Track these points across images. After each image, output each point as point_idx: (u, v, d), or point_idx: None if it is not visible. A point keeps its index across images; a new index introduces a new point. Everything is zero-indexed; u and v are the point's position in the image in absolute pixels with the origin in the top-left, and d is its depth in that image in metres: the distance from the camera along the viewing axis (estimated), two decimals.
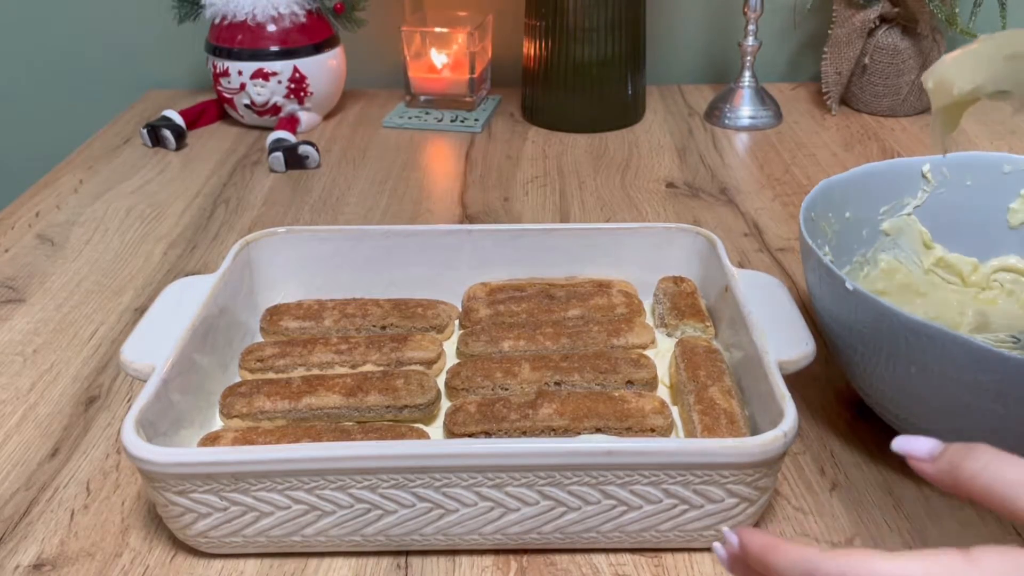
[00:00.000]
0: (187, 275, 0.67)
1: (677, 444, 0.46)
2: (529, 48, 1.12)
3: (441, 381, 0.60)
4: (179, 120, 1.10)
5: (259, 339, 0.65)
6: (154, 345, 0.55)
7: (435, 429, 0.57)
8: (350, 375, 0.58)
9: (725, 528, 0.39)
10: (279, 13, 1.06)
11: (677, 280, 0.67)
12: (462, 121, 1.14)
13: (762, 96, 1.13)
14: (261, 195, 0.96)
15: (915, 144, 1.04)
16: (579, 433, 0.53)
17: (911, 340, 0.49)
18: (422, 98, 1.18)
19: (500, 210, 0.92)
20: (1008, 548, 0.31)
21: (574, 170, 1.01)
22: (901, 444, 0.39)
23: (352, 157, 1.05)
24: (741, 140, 1.09)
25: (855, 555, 0.33)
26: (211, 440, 0.53)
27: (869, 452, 0.58)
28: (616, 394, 0.56)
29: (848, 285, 0.51)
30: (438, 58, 1.16)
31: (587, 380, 0.58)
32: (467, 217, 0.90)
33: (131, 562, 0.50)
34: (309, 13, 1.09)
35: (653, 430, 0.54)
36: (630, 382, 0.58)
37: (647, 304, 0.68)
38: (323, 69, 1.10)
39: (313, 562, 0.50)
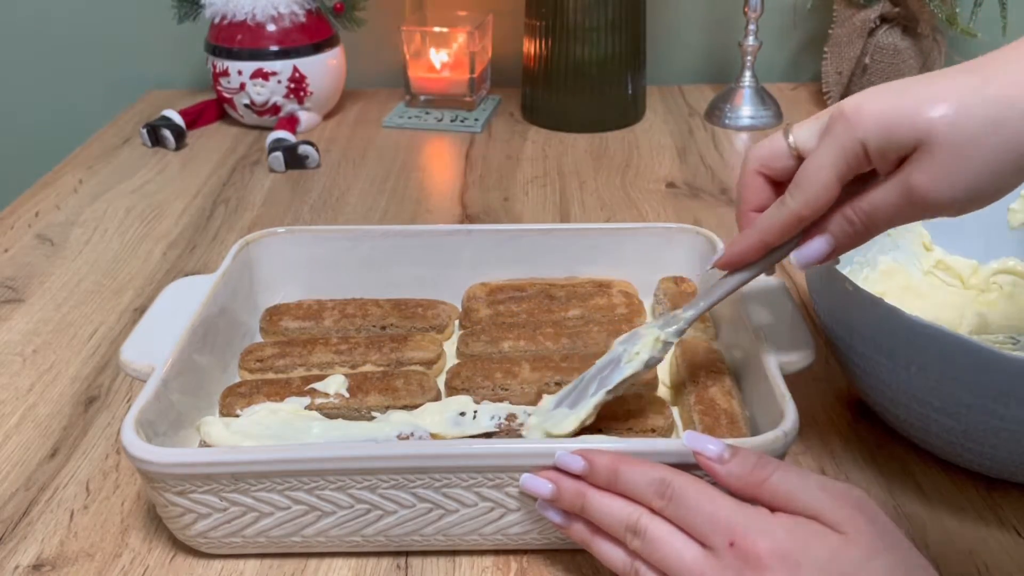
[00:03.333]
0: (187, 275, 0.68)
1: (677, 444, 0.45)
2: (529, 48, 1.12)
3: (441, 381, 0.60)
4: (179, 120, 1.10)
5: (259, 339, 0.65)
6: (154, 345, 0.55)
7: None
8: (350, 375, 0.58)
9: (559, 453, 0.45)
10: (279, 13, 1.06)
11: (677, 280, 0.67)
12: (462, 121, 1.14)
13: (762, 96, 1.13)
14: (261, 195, 0.96)
15: None
16: (579, 433, 0.53)
17: (911, 340, 0.49)
18: (422, 98, 1.18)
19: (500, 210, 0.92)
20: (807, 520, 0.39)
21: (574, 170, 1.01)
22: (692, 441, 0.43)
23: (352, 157, 1.05)
24: (741, 140, 1.09)
25: (700, 483, 0.42)
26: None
27: (869, 452, 0.58)
28: None
29: (848, 285, 0.51)
30: (438, 58, 1.16)
31: None
32: (467, 217, 0.90)
33: (131, 562, 0.50)
34: (309, 13, 1.09)
35: (654, 430, 0.54)
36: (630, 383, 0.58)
37: (647, 304, 0.68)
38: (323, 69, 1.10)
39: (313, 562, 0.50)
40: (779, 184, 0.48)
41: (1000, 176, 0.40)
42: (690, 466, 0.44)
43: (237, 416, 0.55)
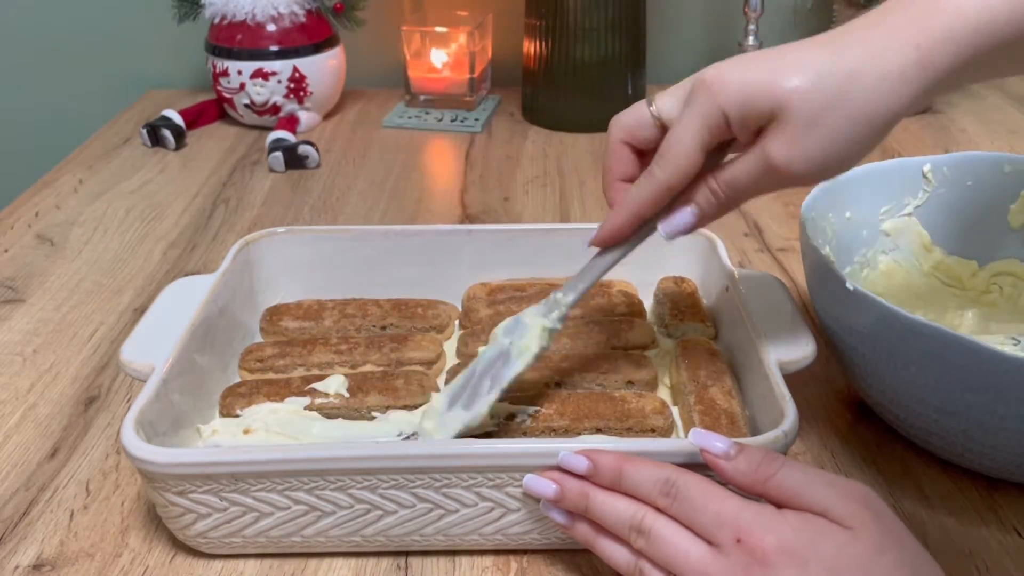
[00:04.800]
0: (187, 275, 0.67)
1: (678, 444, 0.45)
2: (529, 48, 1.12)
3: (441, 381, 0.60)
4: (179, 120, 1.10)
5: (259, 339, 0.65)
6: (154, 345, 0.55)
7: None
8: (350, 375, 0.58)
9: (563, 454, 0.45)
10: (279, 13, 1.06)
11: (677, 280, 0.67)
12: (462, 121, 1.14)
13: None
14: (261, 195, 0.96)
15: (915, 144, 1.04)
16: (579, 434, 0.53)
17: (911, 340, 0.49)
18: (422, 98, 1.18)
19: (500, 210, 0.92)
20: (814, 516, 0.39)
21: (574, 170, 1.01)
22: (698, 438, 0.43)
23: (352, 157, 1.05)
24: None
25: (706, 481, 0.42)
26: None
27: (869, 452, 0.58)
28: (616, 394, 0.56)
29: (848, 285, 0.51)
30: (438, 58, 1.16)
31: (587, 380, 0.58)
32: (467, 217, 0.90)
33: (131, 562, 0.50)
34: (309, 13, 1.09)
35: (654, 430, 0.54)
36: (630, 382, 0.58)
37: (647, 304, 0.67)
38: (323, 69, 1.10)
39: (313, 562, 0.50)
40: (644, 153, 0.49)
41: (847, 147, 0.42)
42: (694, 465, 0.44)
43: (238, 416, 0.55)
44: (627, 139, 0.49)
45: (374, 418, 0.55)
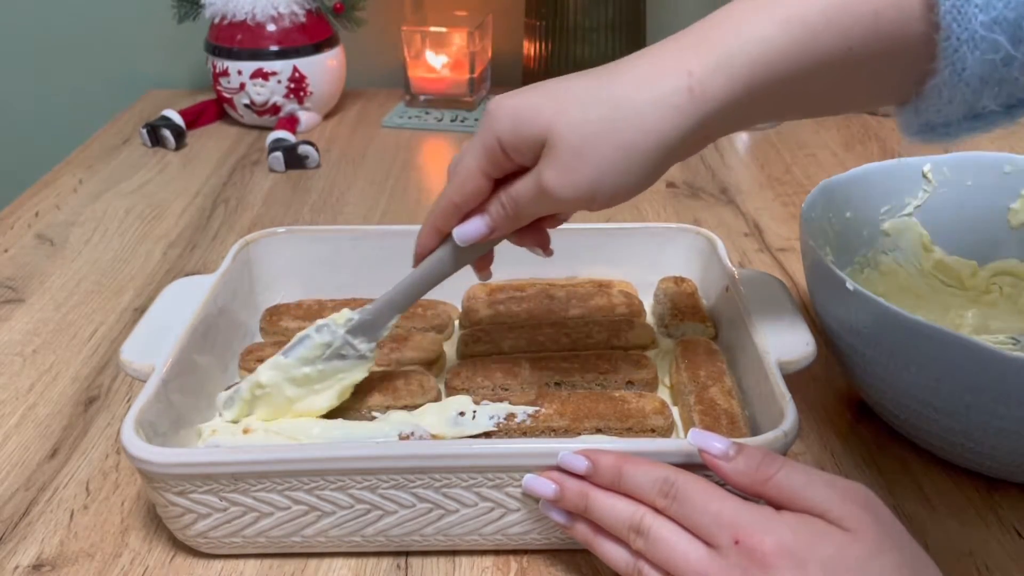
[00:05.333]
0: (187, 275, 0.67)
1: (678, 444, 0.45)
2: (529, 48, 1.12)
3: (441, 381, 0.60)
4: (179, 120, 1.10)
5: (259, 339, 0.65)
6: (154, 345, 0.55)
7: None
8: None
9: (563, 454, 0.45)
10: (279, 13, 1.06)
11: (677, 280, 0.67)
12: (462, 121, 1.14)
13: None
14: (261, 195, 0.96)
15: (915, 144, 1.04)
16: (579, 434, 0.53)
17: (911, 340, 0.49)
18: (422, 98, 1.18)
19: None
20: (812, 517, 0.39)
21: None
22: (697, 438, 0.43)
23: (352, 157, 1.05)
24: (742, 140, 1.09)
25: (705, 482, 0.42)
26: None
27: (869, 452, 0.58)
28: (616, 394, 0.56)
29: (849, 286, 0.51)
30: (438, 58, 1.16)
31: (587, 380, 0.58)
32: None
33: (131, 562, 0.50)
34: (309, 13, 1.09)
35: (654, 431, 0.54)
36: (630, 382, 0.58)
37: (647, 304, 0.67)
38: (323, 69, 1.10)
39: (313, 563, 0.50)
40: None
41: (618, 177, 0.42)
42: (693, 466, 0.44)
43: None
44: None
45: (374, 418, 0.55)
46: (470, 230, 0.49)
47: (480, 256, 0.53)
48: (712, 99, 0.41)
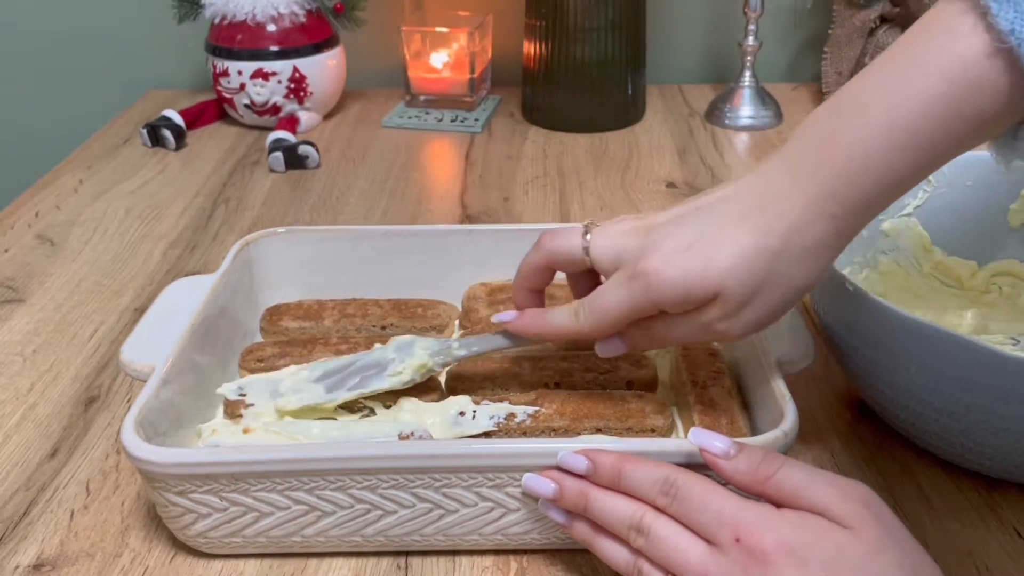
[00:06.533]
0: (187, 275, 0.67)
1: (677, 444, 0.45)
2: (529, 48, 1.12)
3: (441, 381, 0.60)
4: (179, 120, 1.10)
5: (259, 339, 0.65)
6: (154, 345, 0.55)
7: None
8: None
9: (562, 454, 0.45)
10: (279, 13, 1.06)
11: None
12: (462, 121, 1.14)
13: (762, 96, 1.13)
14: (261, 195, 0.96)
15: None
16: (579, 433, 0.53)
17: (911, 340, 0.49)
18: (422, 98, 1.18)
19: (500, 210, 0.92)
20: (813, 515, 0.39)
21: (574, 170, 1.01)
22: (698, 437, 0.44)
23: (352, 157, 1.05)
24: (741, 140, 1.09)
25: (706, 481, 0.42)
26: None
27: (869, 452, 0.58)
28: (616, 394, 0.56)
29: (848, 286, 0.51)
30: (438, 58, 1.16)
31: (587, 380, 0.58)
32: (467, 217, 0.90)
33: (131, 562, 0.50)
34: (309, 13, 1.09)
35: (653, 430, 0.54)
36: (630, 382, 0.58)
37: None
38: (323, 69, 1.10)
39: (313, 562, 0.50)
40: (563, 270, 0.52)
41: (779, 310, 0.45)
42: (694, 465, 0.44)
43: (240, 416, 0.55)
44: (551, 263, 0.52)
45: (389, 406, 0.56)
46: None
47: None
48: (854, 229, 0.44)
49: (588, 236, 0.49)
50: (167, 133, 1.07)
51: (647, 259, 0.45)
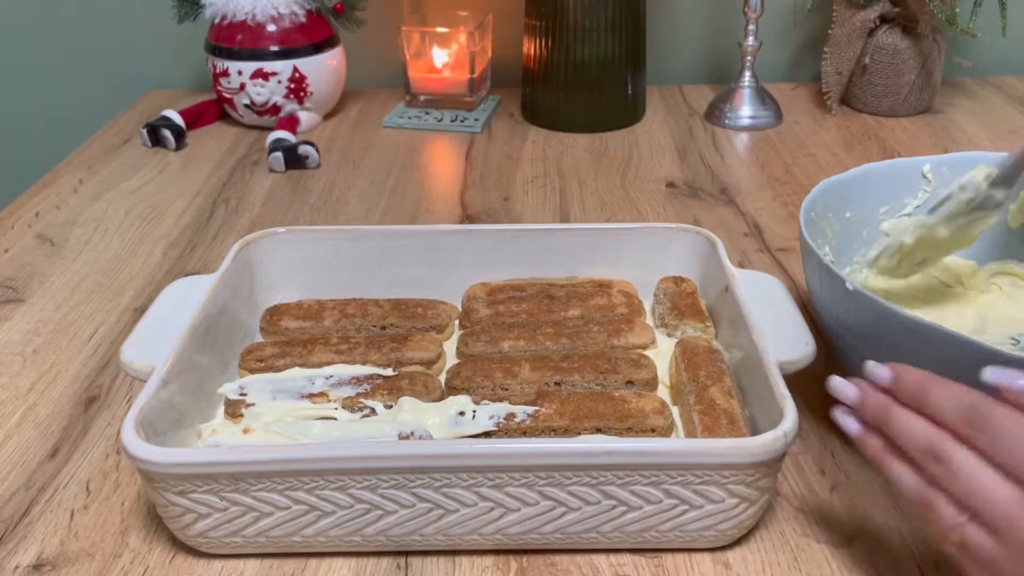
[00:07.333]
0: (187, 275, 0.67)
1: (677, 444, 0.46)
2: (529, 48, 1.12)
3: (441, 381, 0.60)
4: (179, 120, 1.10)
5: (259, 339, 0.65)
6: (154, 345, 0.55)
7: None
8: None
9: (870, 363, 0.43)
10: (279, 13, 1.06)
11: (677, 280, 0.67)
12: (462, 121, 1.14)
13: (762, 96, 1.13)
14: (261, 195, 0.96)
15: (915, 144, 1.04)
16: (579, 433, 0.53)
17: (911, 340, 0.49)
18: (422, 98, 1.18)
19: (500, 210, 0.92)
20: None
21: (574, 170, 1.01)
22: (996, 375, 0.40)
23: (352, 157, 1.05)
24: (741, 140, 1.09)
25: (1019, 416, 0.37)
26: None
27: None
28: (616, 394, 0.56)
29: (848, 285, 0.51)
30: (438, 58, 1.16)
31: (587, 380, 0.58)
32: (467, 217, 0.90)
33: (131, 562, 0.50)
34: (309, 13, 1.09)
35: (653, 430, 0.54)
36: (630, 382, 0.58)
37: (647, 304, 0.67)
38: (323, 69, 1.10)
39: (313, 562, 0.50)
40: None
41: None
42: (697, 467, 0.44)
43: (241, 416, 0.55)
44: None
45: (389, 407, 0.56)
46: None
47: None
48: None
49: None
50: (167, 133, 1.07)
51: None
